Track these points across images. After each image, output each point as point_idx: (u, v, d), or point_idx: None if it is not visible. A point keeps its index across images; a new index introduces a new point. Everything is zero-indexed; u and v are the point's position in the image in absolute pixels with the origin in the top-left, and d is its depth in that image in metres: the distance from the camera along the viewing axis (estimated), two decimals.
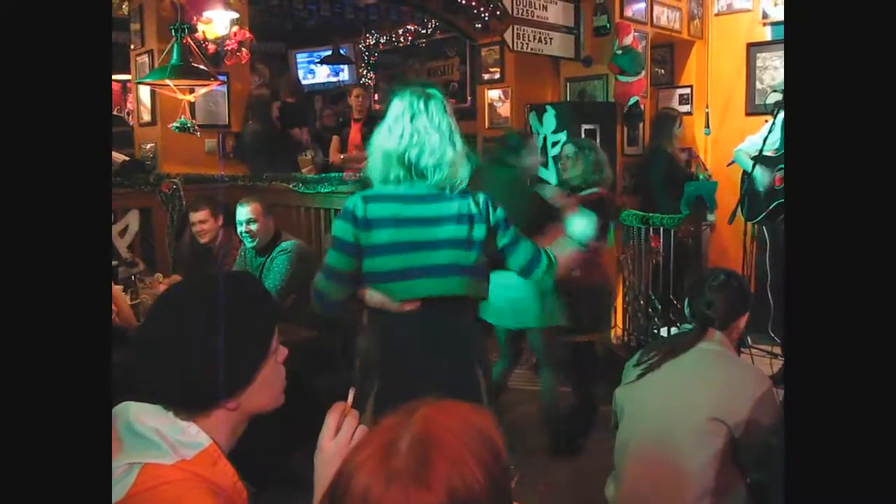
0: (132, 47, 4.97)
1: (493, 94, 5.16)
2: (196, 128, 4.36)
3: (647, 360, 2.03)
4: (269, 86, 5.91)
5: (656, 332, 4.15)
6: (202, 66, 4.14)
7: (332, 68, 8.25)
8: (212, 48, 4.49)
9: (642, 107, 4.71)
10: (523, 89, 5.04)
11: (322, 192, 4.39)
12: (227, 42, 4.54)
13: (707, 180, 4.85)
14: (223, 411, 1.08)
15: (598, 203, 3.31)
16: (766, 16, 5.04)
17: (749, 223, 4.01)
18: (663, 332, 4.09)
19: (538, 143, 3.54)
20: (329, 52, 7.96)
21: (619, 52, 4.55)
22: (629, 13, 4.71)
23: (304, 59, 8.38)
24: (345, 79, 8.19)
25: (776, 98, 3.81)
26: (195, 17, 4.30)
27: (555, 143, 4.41)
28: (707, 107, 5.27)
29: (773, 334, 3.88)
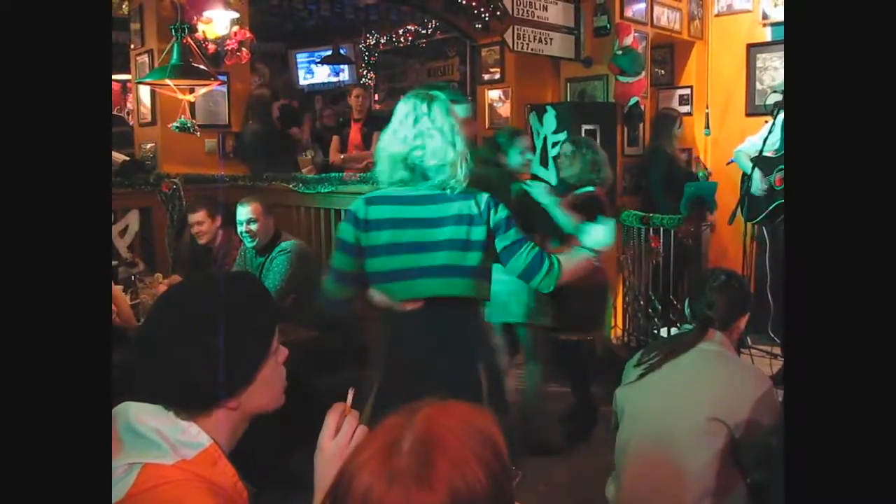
0: (132, 47, 4.97)
1: (494, 94, 5.16)
2: (196, 128, 4.36)
3: (648, 361, 2.03)
4: (269, 86, 5.91)
5: (656, 333, 4.15)
6: (202, 66, 4.14)
7: (332, 68, 8.25)
8: (212, 48, 4.49)
9: (642, 107, 4.71)
10: (523, 89, 5.04)
11: (322, 192, 4.39)
12: (228, 42, 4.54)
13: (707, 179, 4.85)
14: (224, 411, 1.08)
15: (589, 203, 3.30)
16: (766, 16, 5.04)
17: (749, 223, 4.01)
18: (663, 332, 4.09)
19: (527, 142, 3.49)
20: (329, 52, 7.96)
21: (620, 52, 4.55)
22: (629, 14, 4.71)
23: (304, 59, 8.38)
24: (345, 79, 8.19)
25: (776, 99, 3.80)
26: (195, 17, 4.30)
27: (555, 144, 4.41)
28: (707, 107, 5.27)
29: (772, 335, 3.88)
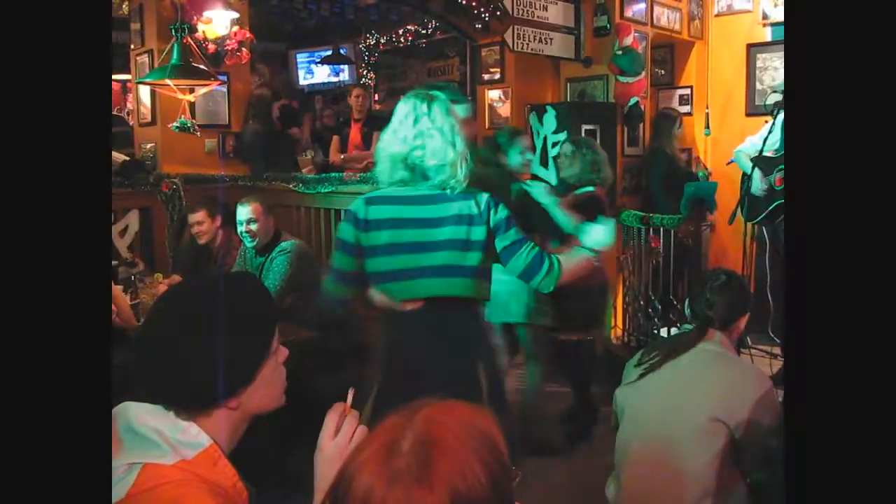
0: (132, 47, 4.96)
1: (494, 94, 5.15)
2: (196, 128, 4.36)
3: (648, 361, 2.03)
4: (269, 86, 5.91)
5: (656, 333, 4.15)
6: (202, 66, 4.14)
7: (332, 68, 8.25)
8: (212, 48, 4.49)
9: (642, 107, 4.71)
10: (523, 90, 5.03)
11: (322, 192, 4.40)
12: (227, 42, 4.54)
13: (706, 179, 4.85)
14: (224, 411, 1.08)
15: (588, 203, 3.30)
16: (766, 16, 5.04)
17: (749, 224, 4.01)
18: (663, 332, 4.09)
19: (527, 142, 3.48)
20: (329, 52, 7.96)
21: (620, 52, 4.55)
22: (629, 14, 4.71)
23: (304, 59, 8.38)
24: (345, 79, 8.19)
25: (776, 99, 3.80)
26: (195, 17, 4.30)
27: (555, 144, 4.41)
28: (707, 107, 5.27)
29: (772, 335, 3.88)
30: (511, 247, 2.00)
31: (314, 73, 8.37)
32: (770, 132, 3.81)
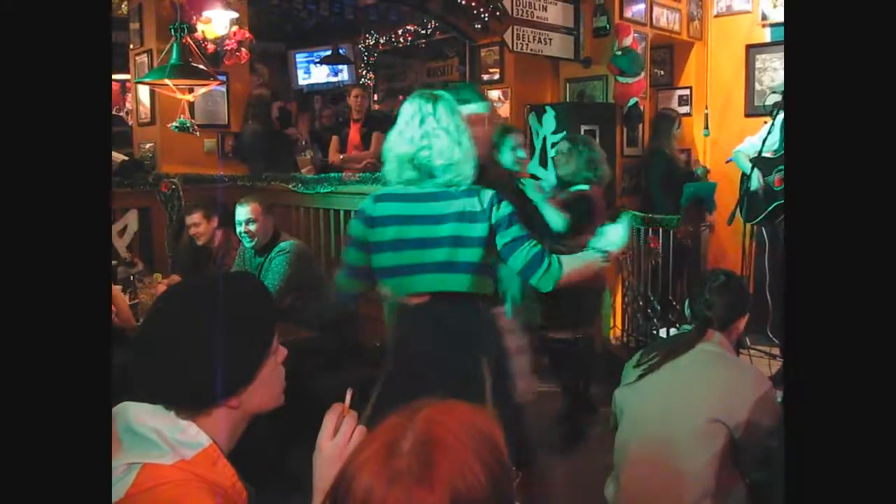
0: (131, 47, 4.96)
1: (493, 94, 5.15)
2: (195, 127, 4.36)
3: (647, 361, 2.03)
4: (269, 86, 5.91)
5: (655, 333, 4.15)
6: (202, 66, 4.14)
7: (331, 68, 8.24)
8: (211, 48, 4.49)
9: (642, 108, 4.72)
10: (523, 90, 5.04)
11: (321, 192, 4.40)
12: (227, 42, 4.54)
13: (705, 178, 4.85)
14: (223, 411, 1.08)
15: (578, 201, 3.29)
16: (765, 17, 5.04)
17: (748, 224, 4.01)
18: (662, 332, 4.09)
19: (519, 139, 3.47)
20: (328, 53, 7.96)
21: (619, 53, 4.55)
22: (629, 14, 4.72)
23: (303, 59, 8.38)
24: (344, 79, 8.18)
25: (775, 99, 3.81)
26: (195, 17, 4.30)
27: (554, 144, 4.41)
28: (706, 108, 5.27)
29: (771, 335, 3.88)
30: (512, 243, 2.00)
31: (313, 73, 8.37)
32: (769, 133, 3.81)
